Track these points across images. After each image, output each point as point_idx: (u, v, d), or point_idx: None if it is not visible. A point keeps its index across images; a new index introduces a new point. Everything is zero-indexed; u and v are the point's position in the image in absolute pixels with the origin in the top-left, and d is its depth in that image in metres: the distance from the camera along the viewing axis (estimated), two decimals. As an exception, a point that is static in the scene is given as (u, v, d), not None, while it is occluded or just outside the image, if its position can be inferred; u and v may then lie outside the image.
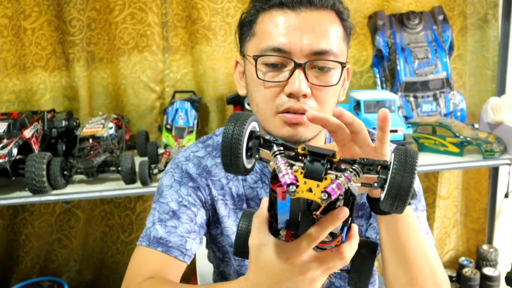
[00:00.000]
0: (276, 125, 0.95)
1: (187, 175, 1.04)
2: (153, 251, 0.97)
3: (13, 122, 1.80)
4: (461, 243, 2.52)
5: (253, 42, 0.96)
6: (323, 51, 0.91)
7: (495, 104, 2.00)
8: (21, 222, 2.29)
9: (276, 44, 0.91)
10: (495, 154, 1.88)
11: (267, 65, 0.93)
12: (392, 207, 0.63)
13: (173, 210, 1.01)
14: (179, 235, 0.99)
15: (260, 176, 1.05)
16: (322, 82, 0.93)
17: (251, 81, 0.97)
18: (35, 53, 2.12)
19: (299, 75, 0.90)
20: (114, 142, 1.86)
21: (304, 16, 0.91)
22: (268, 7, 0.94)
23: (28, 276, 2.31)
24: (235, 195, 1.05)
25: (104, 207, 2.31)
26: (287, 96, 0.92)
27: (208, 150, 1.08)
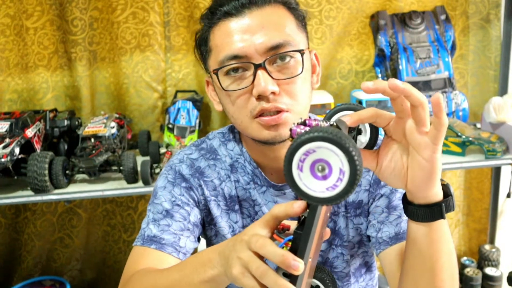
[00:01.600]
0: (255, 130, 0.94)
1: (180, 176, 1.04)
2: (147, 249, 0.97)
3: (15, 121, 1.80)
4: (463, 243, 2.51)
5: (211, 58, 0.96)
6: (277, 45, 0.90)
7: (497, 104, 1.99)
8: (23, 221, 2.29)
9: (230, 52, 0.90)
10: (497, 154, 1.87)
11: (229, 75, 0.93)
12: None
13: (166, 209, 1.01)
14: (172, 233, 0.99)
15: (252, 177, 1.05)
16: (287, 75, 0.91)
17: (221, 95, 0.97)
18: (37, 53, 2.12)
19: (262, 75, 0.89)
20: (116, 142, 1.86)
21: (250, 18, 0.91)
22: (215, 20, 0.93)
23: (30, 275, 2.31)
24: (228, 196, 1.05)
25: (106, 206, 2.31)
26: (257, 99, 0.91)
27: (202, 153, 1.08)
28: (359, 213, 1.05)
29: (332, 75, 2.24)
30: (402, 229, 0.97)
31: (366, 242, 1.08)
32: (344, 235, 1.06)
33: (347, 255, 1.07)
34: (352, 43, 2.22)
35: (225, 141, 1.09)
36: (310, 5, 2.14)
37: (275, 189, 1.04)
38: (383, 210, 1.01)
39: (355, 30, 2.21)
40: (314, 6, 2.14)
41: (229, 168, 1.06)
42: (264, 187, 1.04)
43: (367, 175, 1.04)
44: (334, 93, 2.12)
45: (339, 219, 1.05)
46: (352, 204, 1.05)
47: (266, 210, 1.04)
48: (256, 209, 1.05)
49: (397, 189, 1.02)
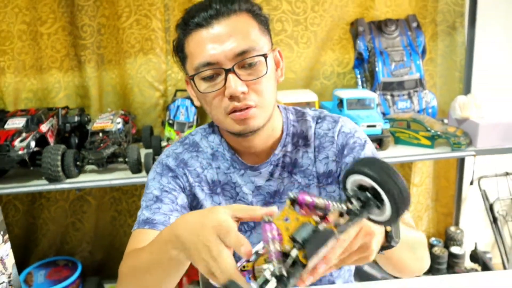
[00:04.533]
0: (229, 124, 0.97)
1: (167, 168, 1.06)
2: (142, 230, 0.98)
3: (31, 117, 1.79)
4: (431, 226, 2.53)
5: (188, 64, 0.98)
6: (244, 51, 0.92)
7: (462, 102, 2.00)
8: (39, 207, 2.28)
9: (204, 60, 0.92)
10: (462, 147, 1.88)
11: (204, 79, 0.95)
12: (400, 212, 0.59)
13: (156, 195, 1.02)
14: (162, 214, 1.00)
15: (231, 162, 1.07)
16: (254, 76, 0.94)
17: (198, 95, 1.00)
18: (50, 56, 2.10)
19: (232, 78, 0.91)
20: (121, 136, 1.85)
21: (219, 27, 0.92)
22: (189, 30, 0.95)
23: (46, 256, 2.30)
24: (210, 181, 1.07)
25: (113, 194, 2.30)
26: (229, 99, 0.93)
27: (185, 147, 1.10)
28: (330, 181, 1.07)
29: (316, 76, 2.23)
30: None
31: None
32: None
33: None
34: (334, 48, 2.22)
35: (206, 135, 1.11)
36: (297, 13, 2.13)
37: (252, 170, 1.06)
38: None
39: (337, 36, 2.21)
40: (300, 14, 2.13)
41: (210, 157, 1.08)
42: (242, 170, 1.06)
43: (332, 147, 1.06)
44: (318, 92, 2.12)
45: (312, 190, 1.07)
46: (323, 175, 1.06)
47: (246, 190, 1.06)
48: (237, 190, 1.07)
49: (361, 152, 1.05)
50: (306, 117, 1.10)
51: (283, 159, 1.06)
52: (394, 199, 0.58)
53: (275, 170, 1.06)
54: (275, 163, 1.06)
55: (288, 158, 1.06)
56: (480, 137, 1.89)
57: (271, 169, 1.06)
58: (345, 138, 1.06)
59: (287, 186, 1.06)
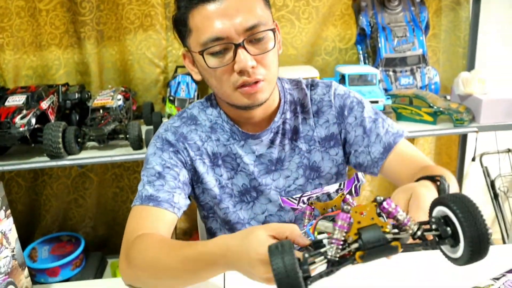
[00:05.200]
0: (237, 98, 0.97)
1: (167, 142, 1.06)
2: (145, 207, 0.98)
3: (31, 94, 1.78)
4: (432, 202, 2.54)
5: (192, 38, 0.96)
6: (253, 26, 0.92)
7: (465, 78, 1.98)
8: (41, 184, 2.29)
9: (213, 35, 0.91)
10: (464, 123, 1.87)
11: (212, 54, 0.94)
12: (472, 259, 0.57)
13: (158, 172, 1.02)
14: (166, 191, 1.00)
15: (230, 134, 1.07)
16: (262, 50, 0.94)
17: (204, 70, 0.98)
18: (49, 32, 2.09)
19: (242, 53, 0.91)
20: (122, 112, 1.85)
21: (227, 2, 0.91)
22: (194, 4, 0.93)
23: (49, 231, 2.33)
24: (211, 154, 1.07)
25: (114, 170, 2.31)
26: (238, 73, 0.93)
27: (183, 121, 1.10)
28: (333, 144, 1.09)
29: (318, 52, 2.21)
30: (387, 141, 1.04)
31: (342, 172, 1.13)
32: (320, 167, 1.10)
33: (325, 185, 1.11)
34: (336, 23, 2.19)
35: (203, 108, 1.11)
36: (298, -12, 2.10)
37: (253, 139, 1.06)
38: (363, 137, 1.06)
39: (339, 11, 2.18)
40: (302, -11, 2.10)
41: (209, 130, 1.08)
42: (243, 141, 1.07)
43: (331, 110, 1.09)
44: (319, 68, 2.10)
45: (314, 155, 1.09)
46: (325, 138, 1.09)
47: (247, 160, 1.07)
48: (238, 161, 1.08)
49: (362, 111, 1.08)
50: (300, 85, 1.12)
51: (283, 126, 1.08)
52: (471, 247, 0.56)
53: (276, 137, 1.07)
54: (275, 130, 1.07)
55: (287, 125, 1.08)
56: (483, 113, 1.88)
57: (271, 136, 1.07)
58: (342, 99, 1.09)
59: (289, 153, 1.08)
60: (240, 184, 1.08)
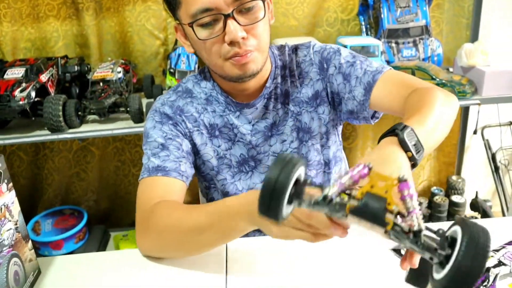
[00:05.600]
0: (228, 69, 0.97)
1: (165, 115, 1.06)
2: (155, 178, 0.99)
3: (30, 67, 1.77)
4: (433, 175, 2.55)
5: (182, 10, 0.94)
6: None
7: (468, 50, 1.96)
8: (43, 158, 2.30)
9: (203, 6, 0.90)
10: (467, 95, 1.86)
11: (202, 26, 0.93)
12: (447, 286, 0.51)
13: (161, 143, 1.03)
14: (172, 161, 1.01)
15: (225, 105, 1.08)
16: (252, 20, 0.93)
17: (195, 42, 0.97)
18: (47, 3, 2.05)
19: (232, 24, 0.90)
20: (122, 85, 1.84)
21: None
22: None
23: (52, 205, 2.35)
24: (208, 125, 1.08)
25: (116, 144, 2.31)
26: (229, 44, 0.92)
27: (179, 94, 1.10)
28: (319, 102, 1.10)
29: (319, 23, 2.18)
30: (366, 81, 1.01)
31: (331, 132, 1.13)
32: (311, 127, 1.11)
33: (317, 145, 1.12)
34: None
35: (197, 81, 1.11)
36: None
37: (248, 108, 1.07)
38: (344, 84, 1.05)
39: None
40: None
41: (204, 102, 1.09)
42: (238, 112, 1.08)
43: (312, 68, 1.09)
44: (321, 40, 2.07)
45: (304, 116, 1.09)
46: (312, 98, 1.09)
47: (244, 131, 1.08)
48: (235, 131, 1.08)
49: (339, 58, 1.07)
50: (286, 50, 1.12)
51: (275, 91, 1.08)
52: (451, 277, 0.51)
53: (269, 103, 1.08)
54: (268, 96, 1.08)
55: (279, 89, 1.09)
56: (486, 85, 1.87)
57: (265, 102, 1.07)
58: (319, 54, 1.09)
59: (283, 116, 1.09)
60: (238, 154, 1.09)
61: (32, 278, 0.91)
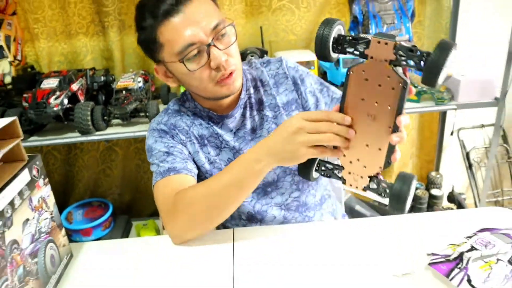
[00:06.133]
0: (217, 91, 0.98)
1: (163, 131, 1.07)
2: (168, 178, 0.99)
3: (63, 78, 1.78)
4: (415, 171, 2.54)
5: (165, 51, 0.94)
6: (217, 25, 0.92)
7: (446, 61, 1.96)
8: (74, 157, 2.31)
9: (187, 42, 0.91)
10: (444, 101, 1.86)
11: (189, 59, 0.93)
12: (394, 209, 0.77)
13: (165, 151, 1.03)
14: (179, 162, 1.01)
15: (209, 119, 1.08)
16: (228, 44, 0.95)
17: (184, 75, 0.97)
18: (77, 22, 2.07)
19: (214, 50, 0.92)
20: (142, 93, 1.84)
21: (188, 11, 0.91)
22: (159, 21, 0.91)
23: (82, 198, 2.36)
24: (198, 136, 1.08)
25: (137, 145, 2.32)
26: (215, 69, 0.94)
27: (169, 114, 1.10)
28: (294, 107, 1.11)
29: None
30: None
31: None
32: None
33: None
34: (331, 11, 2.15)
35: (181, 103, 1.12)
36: (298, -19, 2.06)
37: (228, 118, 1.08)
38: (316, 105, 1.10)
39: (334, 1, 2.13)
40: (301, -19, 2.06)
41: (192, 117, 1.09)
42: (220, 123, 1.08)
43: (287, 80, 1.11)
44: (316, 53, 2.07)
45: (280, 119, 1.09)
46: (287, 103, 1.10)
47: (227, 138, 1.08)
48: (220, 139, 1.09)
49: (311, 81, 1.11)
50: (255, 65, 1.13)
51: (249, 101, 1.09)
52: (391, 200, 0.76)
53: (245, 111, 1.09)
54: (244, 106, 1.09)
55: (252, 99, 1.10)
56: (461, 92, 1.87)
57: (242, 111, 1.09)
58: (293, 71, 1.12)
59: (259, 122, 1.10)
60: (226, 159, 1.09)
61: (65, 261, 0.92)
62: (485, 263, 0.78)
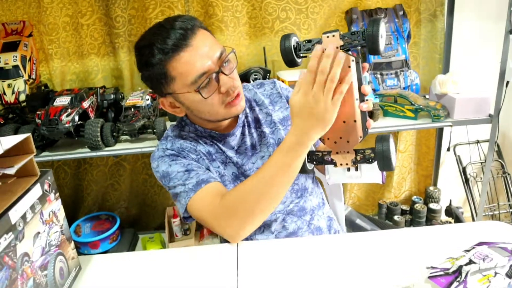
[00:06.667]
0: (227, 113, 1.00)
1: (173, 155, 1.05)
2: (200, 190, 0.98)
3: (74, 96, 1.79)
4: (413, 185, 2.53)
5: (178, 82, 0.96)
6: (221, 53, 0.96)
7: (441, 80, 1.97)
8: (84, 171, 2.31)
9: (199, 72, 0.93)
10: (441, 118, 1.86)
11: (202, 88, 0.95)
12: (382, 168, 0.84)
13: (185, 170, 1.01)
14: (203, 174, 1.01)
15: (211, 138, 1.10)
16: (232, 69, 0.99)
17: (196, 103, 0.98)
18: (89, 43, 2.10)
19: (224, 77, 0.96)
20: (150, 110, 1.85)
21: (195, 44, 0.93)
22: (169, 56, 0.93)
23: (90, 211, 2.35)
24: (206, 153, 1.08)
25: (144, 160, 2.32)
26: (224, 94, 0.97)
27: (171, 140, 1.09)
28: (290, 123, 1.14)
29: (315, 58, 2.19)
30: None
31: None
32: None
33: None
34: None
35: (180, 129, 1.12)
36: (299, 3, 2.08)
37: (229, 136, 1.10)
38: None
39: (333, 23, 2.16)
40: (302, 4, 2.09)
41: (195, 138, 1.09)
42: (222, 141, 1.10)
43: (281, 99, 1.17)
44: (317, 72, 2.08)
45: (277, 134, 1.13)
46: (283, 119, 1.15)
47: (230, 154, 1.10)
48: (225, 155, 1.10)
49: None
50: (248, 87, 1.18)
51: (246, 120, 1.13)
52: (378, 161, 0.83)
53: (244, 130, 1.12)
54: (242, 124, 1.12)
55: (249, 117, 1.14)
56: (456, 110, 1.87)
57: (241, 129, 1.12)
58: (286, 91, 1.19)
59: (258, 138, 1.13)
60: (231, 173, 1.10)
61: (74, 273, 0.91)
62: (483, 276, 0.77)
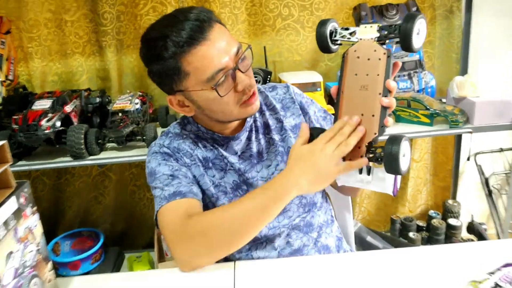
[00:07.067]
0: (242, 112, 1.02)
1: (166, 154, 1.08)
2: (173, 202, 0.99)
3: (56, 99, 1.78)
4: (430, 199, 2.51)
5: (191, 78, 0.96)
6: (238, 50, 0.97)
7: (459, 82, 1.96)
8: (65, 182, 2.30)
9: (217, 68, 0.94)
10: (459, 124, 1.85)
11: (218, 85, 0.95)
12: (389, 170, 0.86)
13: (170, 175, 1.04)
14: (185, 186, 1.02)
15: (213, 141, 1.11)
16: (247, 66, 1.00)
17: (209, 101, 0.99)
18: (74, 42, 2.10)
19: (241, 74, 0.97)
20: (139, 115, 1.85)
21: (213, 38, 0.94)
22: (186, 49, 0.93)
23: (71, 227, 2.33)
24: (202, 158, 1.09)
25: (132, 170, 2.31)
26: (240, 92, 0.98)
27: (171, 138, 1.11)
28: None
29: (321, 58, 2.20)
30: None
31: None
32: None
33: None
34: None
35: (182, 127, 1.14)
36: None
37: (234, 140, 1.10)
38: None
39: (340, 20, 2.16)
40: (306, 0, 2.09)
41: (195, 140, 1.11)
42: (225, 144, 1.10)
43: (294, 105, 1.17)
44: (323, 73, 2.08)
45: (287, 142, 1.14)
46: (295, 126, 1.15)
47: (232, 160, 1.10)
48: (225, 161, 1.10)
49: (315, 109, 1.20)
50: (259, 89, 1.18)
51: (255, 124, 1.13)
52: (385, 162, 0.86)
53: (251, 135, 1.12)
54: (249, 129, 1.12)
55: (258, 122, 1.14)
56: (477, 114, 1.86)
57: (248, 134, 1.12)
58: (300, 97, 1.19)
59: (265, 145, 1.13)
60: (231, 181, 1.10)
61: (51, 297, 0.89)
62: (512, 301, 0.75)
